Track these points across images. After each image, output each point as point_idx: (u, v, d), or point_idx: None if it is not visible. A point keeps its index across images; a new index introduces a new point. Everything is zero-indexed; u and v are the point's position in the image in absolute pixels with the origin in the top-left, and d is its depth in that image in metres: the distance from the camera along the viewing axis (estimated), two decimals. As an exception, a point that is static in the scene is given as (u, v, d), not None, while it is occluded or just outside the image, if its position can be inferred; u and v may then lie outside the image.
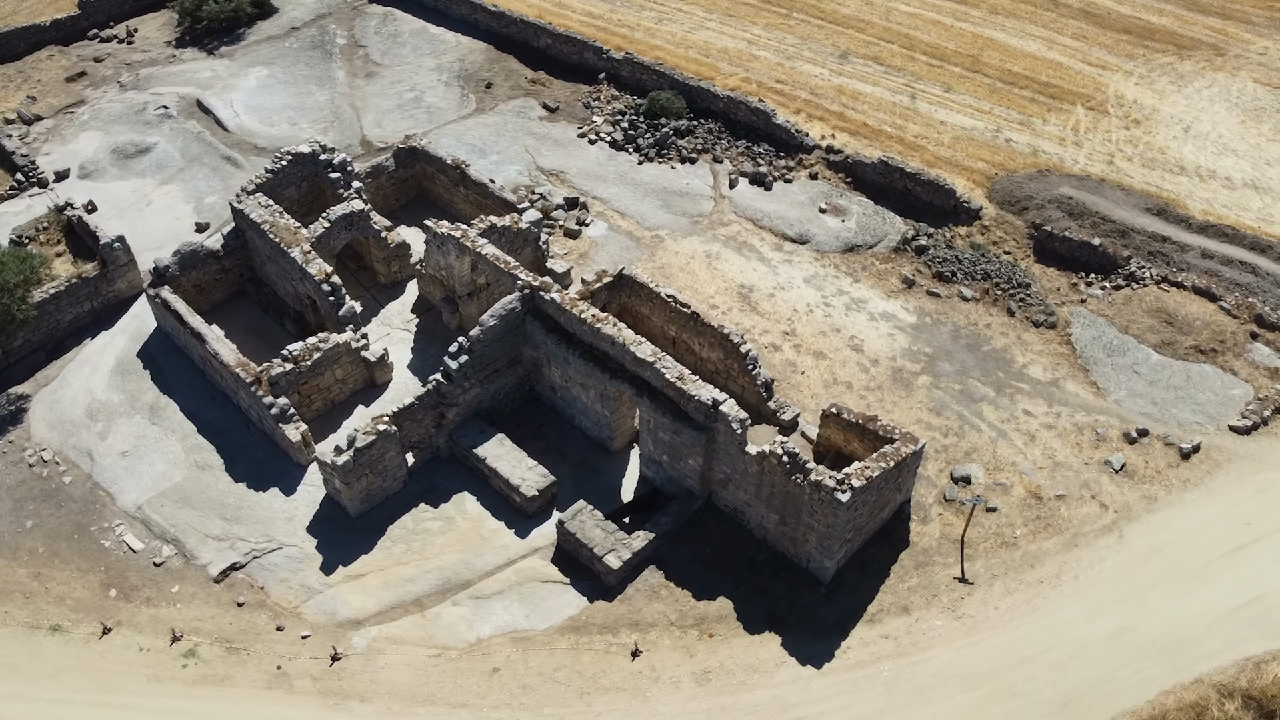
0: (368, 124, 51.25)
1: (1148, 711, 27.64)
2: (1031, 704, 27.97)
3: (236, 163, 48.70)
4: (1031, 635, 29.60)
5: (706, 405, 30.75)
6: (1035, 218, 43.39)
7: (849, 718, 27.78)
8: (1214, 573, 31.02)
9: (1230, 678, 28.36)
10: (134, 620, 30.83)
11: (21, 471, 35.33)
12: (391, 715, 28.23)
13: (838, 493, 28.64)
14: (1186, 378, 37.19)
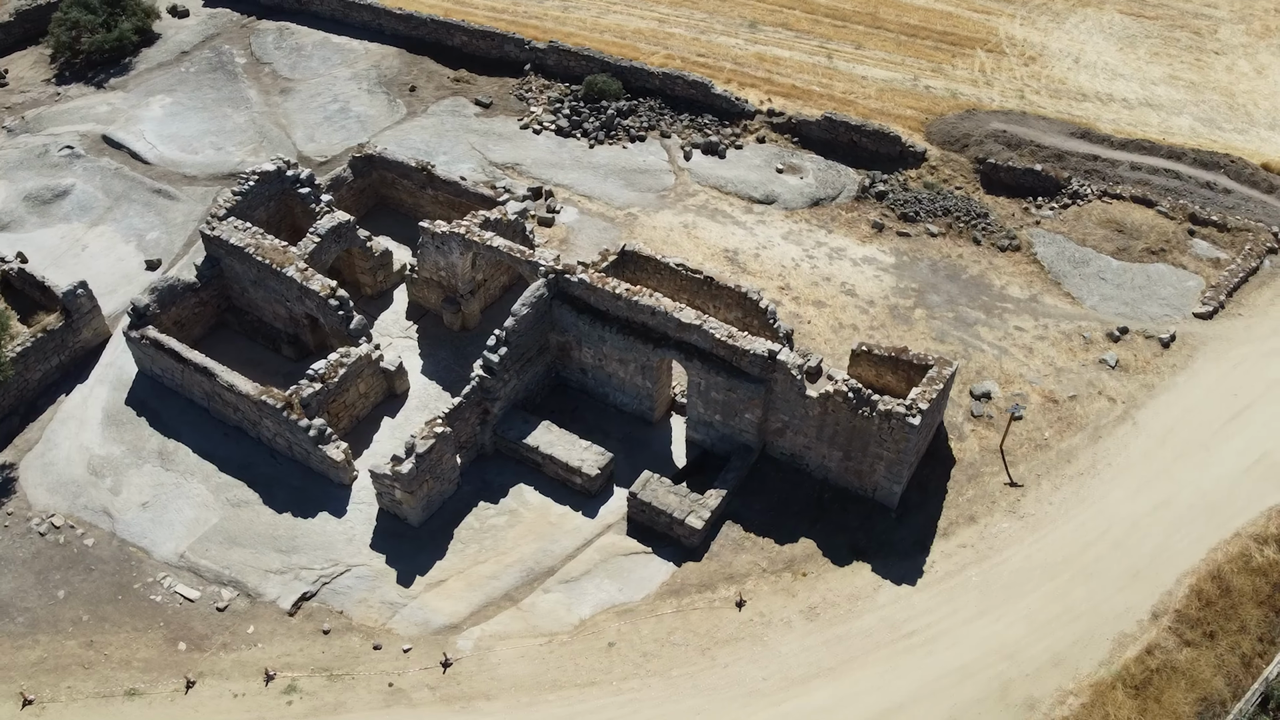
0: (300, 139, 49.46)
1: (1205, 569, 30.64)
2: (1107, 581, 30.51)
3: (169, 194, 46.16)
4: (1087, 522, 32.19)
5: (763, 357, 31.82)
6: (977, 153, 46.55)
7: (956, 623, 29.54)
8: (1221, 440, 34.55)
9: (1261, 527, 31.78)
10: (217, 668, 29.29)
11: (33, 543, 32.76)
12: (523, 707, 28.05)
13: (909, 417, 30.30)
14: (1146, 277, 40.96)
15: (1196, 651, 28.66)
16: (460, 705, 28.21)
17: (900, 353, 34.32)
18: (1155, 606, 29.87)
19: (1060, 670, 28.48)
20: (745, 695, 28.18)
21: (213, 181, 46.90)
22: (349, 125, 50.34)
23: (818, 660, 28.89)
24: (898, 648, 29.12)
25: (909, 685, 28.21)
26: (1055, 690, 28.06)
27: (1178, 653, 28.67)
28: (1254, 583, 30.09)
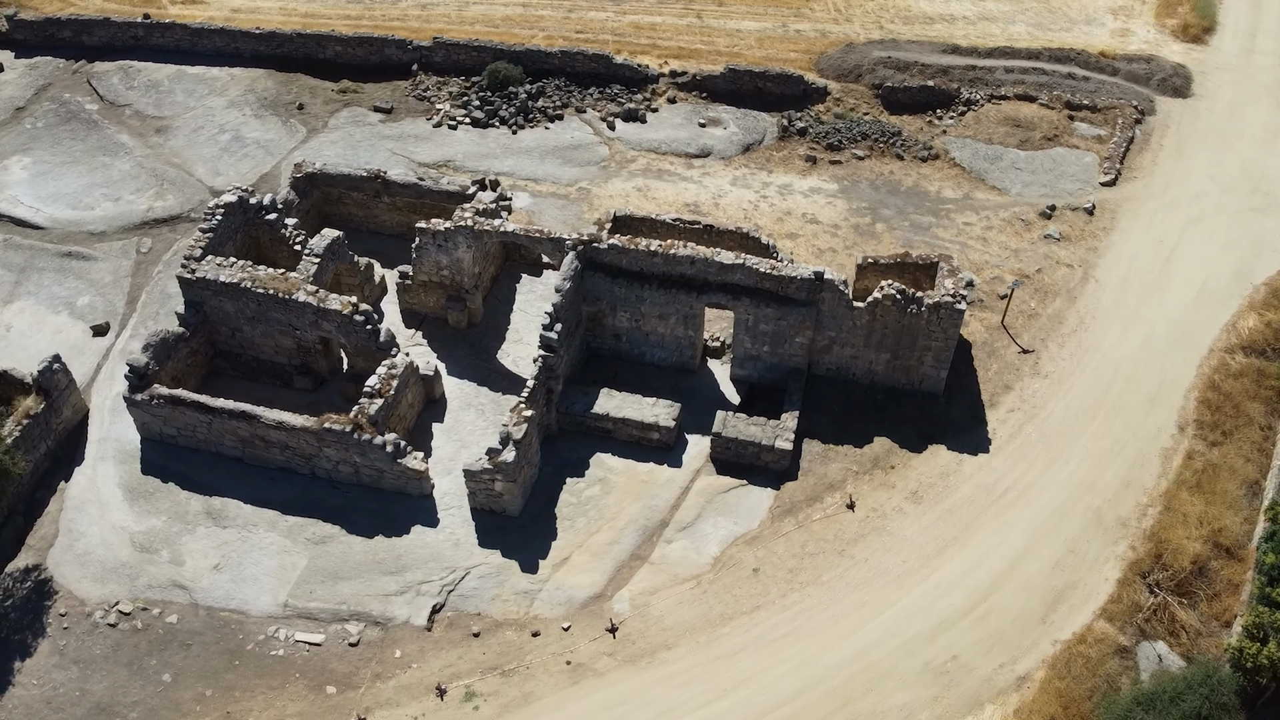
0: (204, 175, 46.34)
1: (1201, 383, 35.97)
2: (1134, 410, 35.15)
3: (82, 255, 42.22)
4: (1098, 367, 36.77)
5: (810, 279, 34.01)
6: (871, 80, 50.69)
7: (1036, 475, 33.15)
8: (1167, 280, 40.28)
9: (1225, 340, 37.56)
10: (382, 699, 28.15)
11: (106, 636, 29.84)
12: (706, 646, 28.95)
13: (957, 305, 33.51)
14: (1052, 161, 46.52)
15: (1223, 448, 33.73)
16: (645, 662, 28.71)
17: (903, 258, 37.50)
18: (1179, 421, 34.82)
19: (1132, 489, 32.73)
20: (894, 580, 30.45)
21: (125, 234, 43.32)
22: (252, 153, 47.67)
23: (940, 534, 31.60)
24: (1000, 506, 32.34)
25: (1024, 534, 31.50)
26: (1135, 506, 32.26)
27: (1210, 453, 33.64)
28: (1241, 384, 35.62)
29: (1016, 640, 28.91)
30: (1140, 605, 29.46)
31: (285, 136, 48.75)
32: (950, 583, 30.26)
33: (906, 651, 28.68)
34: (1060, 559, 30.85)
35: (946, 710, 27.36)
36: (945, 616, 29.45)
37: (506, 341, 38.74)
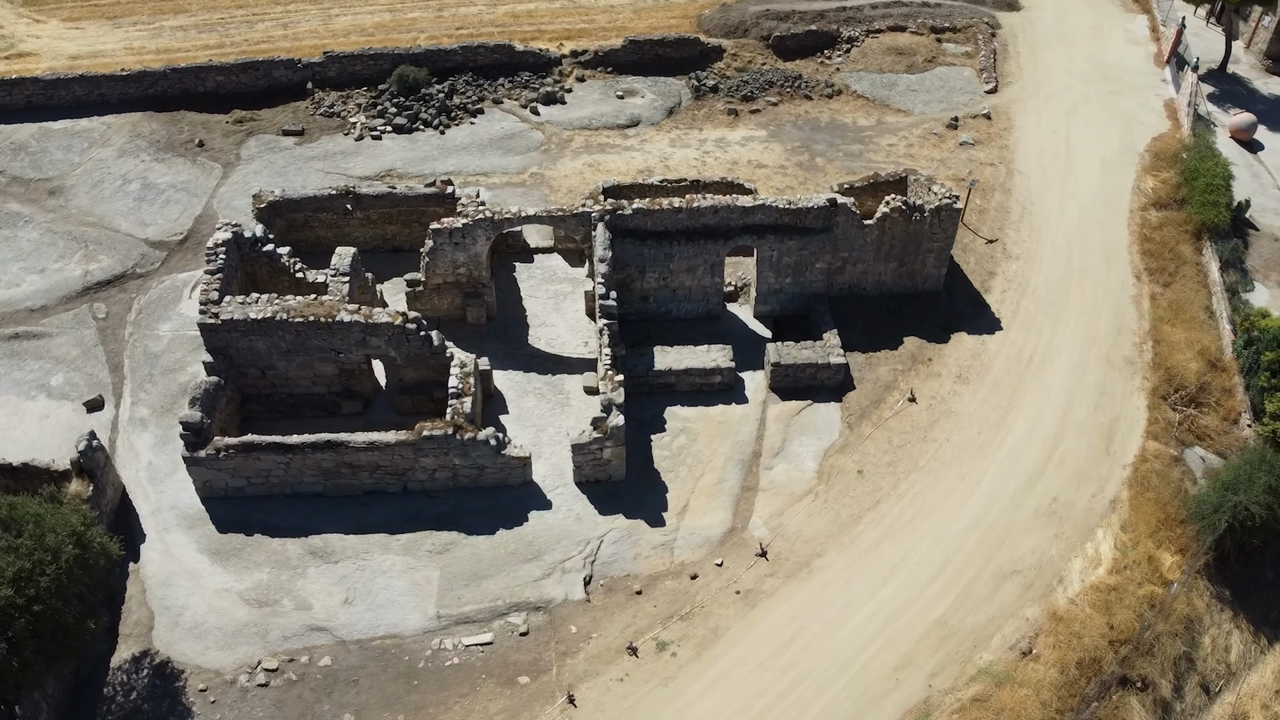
0: (131, 229, 43.08)
1: (1137, 236, 42.14)
2: (1095, 268, 40.68)
3: (34, 334, 38.42)
4: (1055, 243, 42.10)
5: (826, 206, 36.89)
6: (758, 33, 54.19)
7: (1052, 340, 37.80)
8: (1073, 160, 46.44)
9: (1135, 200, 44.06)
10: (579, 672, 28.53)
11: (262, 696, 28.31)
12: (852, 543, 31.30)
13: (955, 205, 37.48)
14: (939, 80, 51.85)
15: (1175, 286, 39.82)
16: (804, 574, 30.72)
17: (873, 179, 41.20)
18: (1133, 271, 40.68)
19: (1124, 333, 38.08)
20: (977, 451, 34.05)
21: (70, 303, 39.77)
22: (173, 197, 44.71)
23: (996, 404, 35.53)
24: (1032, 371, 36.70)
25: (1060, 389, 36.00)
26: (1132, 345, 37.60)
27: (1167, 292, 39.63)
28: (1165, 233, 41.98)
29: (1094, 473, 33.28)
30: (1172, 422, 34.66)
31: (201, 175, 45.97)
32: (1022, 442, 34.23)
33: (1015, 505, 32.35)
34: (1096, 400, 35.59)
35: (1069, 542, 31.26)
36: (1031, 469, 33.38)
37: (531, 327, 39.09)
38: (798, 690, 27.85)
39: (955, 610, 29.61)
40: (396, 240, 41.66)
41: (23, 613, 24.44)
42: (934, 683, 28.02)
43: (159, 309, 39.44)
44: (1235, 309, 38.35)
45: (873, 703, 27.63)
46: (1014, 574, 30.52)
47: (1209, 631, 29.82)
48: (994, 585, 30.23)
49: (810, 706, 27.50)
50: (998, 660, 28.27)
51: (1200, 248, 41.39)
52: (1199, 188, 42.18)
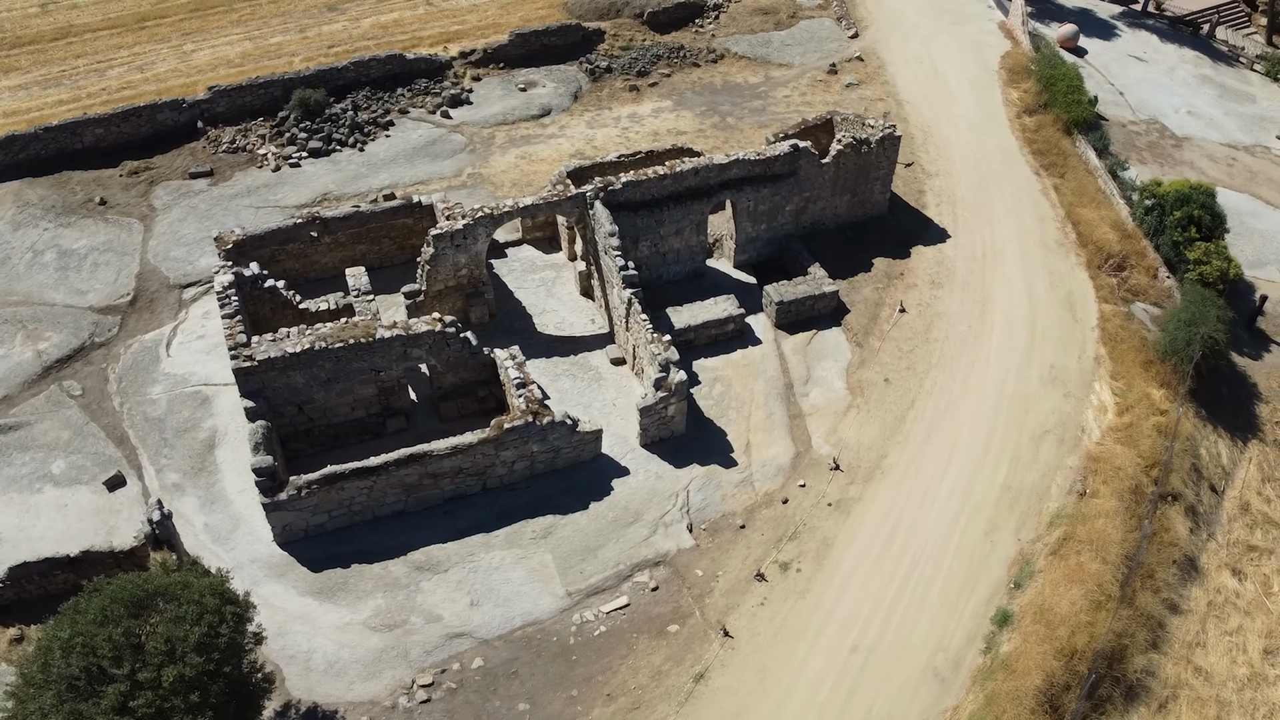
0: (68, 299, 40.01)
1: (1023, 139, 47.98)
2: (1001, 170, 46.17)
3: (8, 427, 35.27)
4: (958, 156, 47.29)
5: (790, 153, 40.00)
6: (631, 11, 56.51)
7: (990, 237, 42.78)
8: (944, 84, 52.01)
9: (1012, 111, 50.06)
10: (721, 607, 30.27)
11: (432, 711, 28.23)
12: (905, 441, 34.70)
13: (895, 134, 41.58)
14: (806, 33, 56.26)
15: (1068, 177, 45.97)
16: (880, 474, 33.82)
17: (801, 125, 44.74)
18: (1031, 169, 46.53)
19: (1047, 220, 43.76)
20: (974, 339, 38.36)
21: (33, 387, 36.77)
22: (101, 259, 41.81)
23: (973, 299, 40.03)
24: (990, 266, 41.54)
25: (1019, 276, 41.02)
26: (1056, 230, 43.30)
27: (1064, 182, 45.76)
28: (1044, 134, 48.18)
29: (1072, 338, 38.42)
30: (1112, 285, 40.44)
31: (121, 233, 43.13)
32: (1006, 325, 38.91)
33: (1023, 378, 36.89)
34: (1049, 280, 40.89)
35: (1077, 399, 36.13)
36: (1023, 346, 38.08)
37: (534, 316, 39.87)
38: (917, 571, 30.98)
39: (1013, 474, 33.70)
40: (367, 260, 41.05)
41: (214, 678, 23.52)
42: (1021, 536, 31.95)
43: (140, 373, 37.12)
44: (1122, 186, 44.87)
45: (980, 565, 31.19)
46: (1045, 433, 35.02)
47: (1203, 444, 35.53)
48: (1034, 447, 34.58)
49: (933, 582, 30.68)
50: (1064, 505, 32.58)
51: (1074, 141, 47.84)
52: (1061, 91, 48.64)
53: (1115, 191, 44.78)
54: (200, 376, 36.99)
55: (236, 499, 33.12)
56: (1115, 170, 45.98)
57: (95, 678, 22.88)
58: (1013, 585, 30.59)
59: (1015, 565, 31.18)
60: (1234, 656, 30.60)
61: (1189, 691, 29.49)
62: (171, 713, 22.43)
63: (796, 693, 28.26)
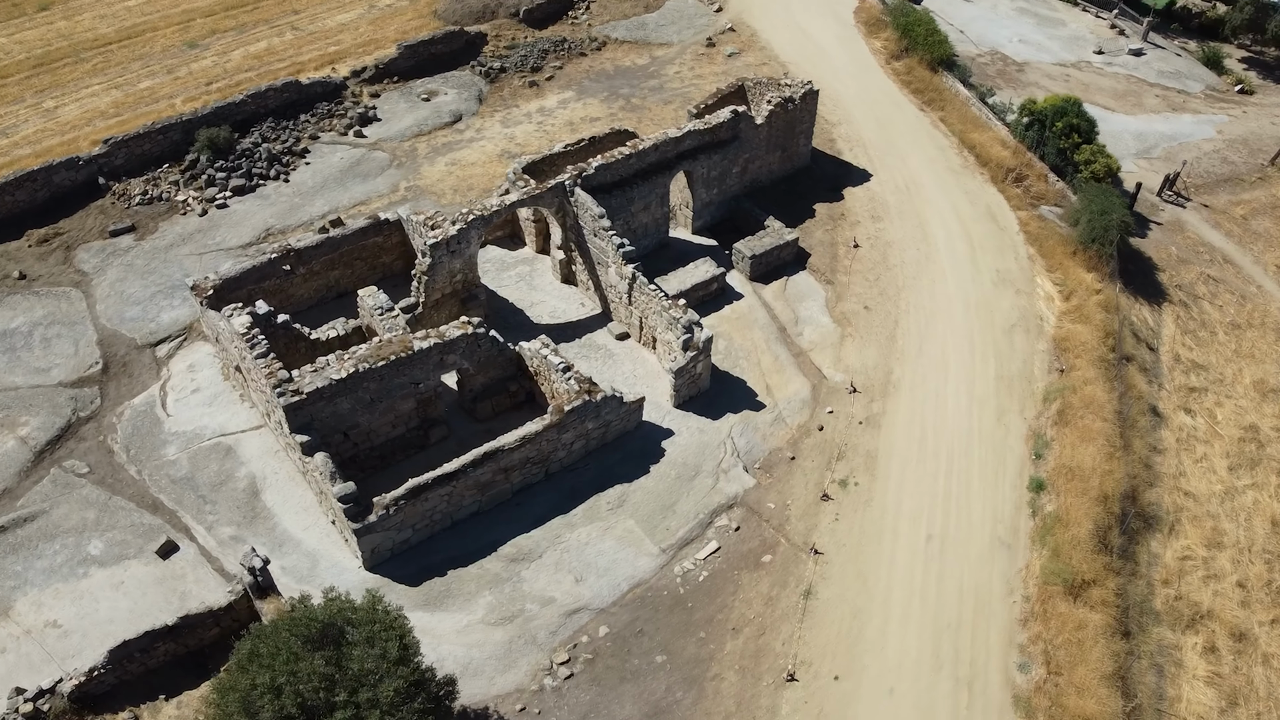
0: (33, 379, 37.39)
1: (898, 84, 53.11)
2: (893, 114, 51.04)
3: (23, 520, 32.99)
4: (850, 101, 51.75)
5: (730, 119, 42.92)
6: (506, 11, 57.60)
7: (910, 168, 47.45)
8: (814, 42, 56.51)
9: (880, 59, 55.18)
10: (801, 530, 32.97)
11: (579, 682, 29.43)
12: (902, 354, 38.57)
13: (814, 88, 45.33)
14: (675, 12, 59.34)
15: (946, 110, 51.36)
16: (893, 388, 37.41)
17: (715, 94, 47.79)
18: (916, 107, 51.63)
19: (946, 149, 48.92)
20: (927, 260, 42.76)
21: (32, 472, 34.46)
22: (50, 333, 39.25)
23: (912, 225, 44.45)
24: (914, 195, 46.13)
25: (945, 200, 45.86)
26: (958, 154, 48.54)
27: (947, 113, 51.11)
28: (915, 75, 53.49)
29: (1004, 243, 43.66)
30: (1018, 195, 46.04)
31: (61, 303, 40.56)
32: (947, 243, 43.62)
33: (978, 283, 41.65)
34: (967, 197, 46.03)
35: (1027, 293, 41.23)
36: (967, 255, 42.90)
37: (525, 310, 40.89)
38: (954, 463, 34.86)
39: (1000, 366, 38.26)
40: (340, 286, 40.70)
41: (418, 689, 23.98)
42: (1025, 416, 36.52)
43: (146, 438, 35.47)
44: (994, 109, 50.79)
45: (1002, 446, 35.47)
46: (1013, 327, 39.86)
47: (1132, 312, 41.49)
48: (1008, 339, 39.34)
49: (970, 469, 34.66)
50: (1050, 383, 37.46)
51: (942, 77, 53.46)
52: (920, 35, 54.15)
53: (990, 115, 50.60)
54: (213, 428, 35.77)
55: (304, 537, 32.64)
56: (984, 97, 51.87)
57: (311, 711, 22.84)
58: (1034, 456, 35.04)
59: (1030, 440, 35.67)
60: (1208, 478, 36.39)
61: (1186, 513, 34.93)
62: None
63: (895, 587, 31.44)
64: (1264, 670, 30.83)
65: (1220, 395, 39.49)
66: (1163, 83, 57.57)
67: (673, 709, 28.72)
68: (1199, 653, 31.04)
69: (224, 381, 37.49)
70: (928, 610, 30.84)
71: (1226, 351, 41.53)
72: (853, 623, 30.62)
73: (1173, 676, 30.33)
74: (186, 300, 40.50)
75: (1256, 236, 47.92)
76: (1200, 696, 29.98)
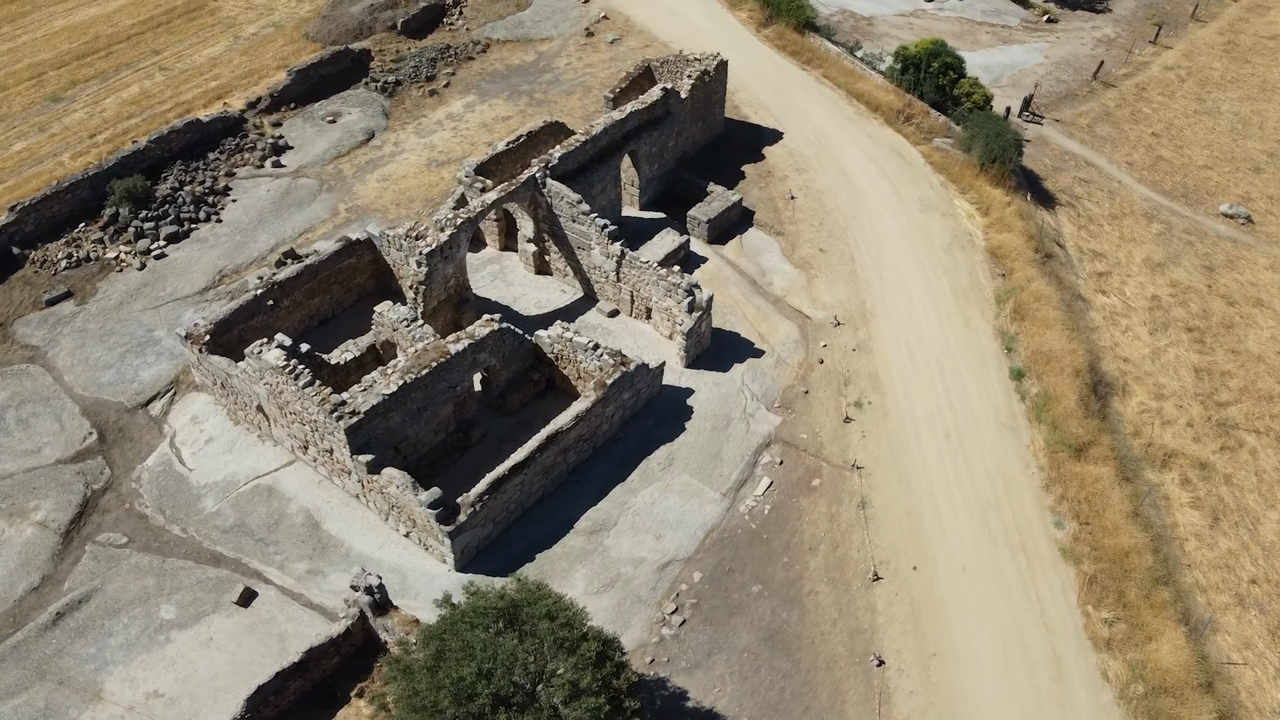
0: (25, 462, 35.09)
1: (774, 48, 57.17)
2: (780, 89, 55.10)
3: (79, 601, 31.35)
4: (737, 73, 55.19)
5: (661, 96, 45.39)
6: (383, 25, 57.37)
7: (810, 123, 51.42)
8: (688, 17, 59.63)
9: (752, 28, 59.05)
10: (835, 450, 36.17)
11: (693, 624, 31.41)
12: (871, 284, 42.46)
13: (723, 59, 48.43)
14: (547, 7, 60.97)
15: (827, 67, 55.86)
16: (870, 316, 41.10)
17: (625, 77, 50.11)
18: (799, 66, 55.83)
19: (837, 101, 53.27)
20: (858, 200, 46.79)
21: (67, 554, 32.75)
22: (25, 413, 36.97)
23: (835, 172, 48.41)
24: (826, 144, 50.16)
25: (849, 145, 50.10)
26: (849, 104, 53.05)
27: (827, 69, 55.59)
28: (784, 39, 57.67)
29: (915, 175, 48.40)
30: (912, 132, 51.06)
31: (22, 380, 38.14)
32: (869, 182, 47.96)
33: (907, 213, 46.14)
34: (873, 140, 50.60)
35: (951, 215, 46.11)
36: (891, 191, 47.33)
37: (509, 304, 41.83)
38: (945, 369, 39.03)
39: (952, 280, 42.89)
40: (321, 313, 40.39)
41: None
42: (987, 319, 41.25)
43: (178, 497, 34.28)
44: (866, 59, 55.79)
45: (977, 347, 40.00)
46: (950, 245, 44.64)
47: (1036, 217, 47.21)
48: (950, 257, 44.05)
49: (960, 371, 38.92)
50: (997, 287, 42.40)
51: (810, 38, 57.97)
52: (782, 1, 58.36)
53: (864, 67, 55.51)
54: (245, 473, 34.99)
55: (382, 555, 32.79)
56: (852, 50, 56.76)
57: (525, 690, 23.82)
58: (1006, 350, 39.79)
59: (998, 337, 40.40)
60: (1136, 345, 42.39)
61: (1130, 375, 40.68)
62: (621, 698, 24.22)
63: (934, 481, 35.20)
64: (1228, 489, 36.72)
65: (1123, 275, 45.80)
66: (988, 20, 64.65)
67: (784, 628, 31.22)
68: (1178, 485, 36.57)
69: (235, 426, 36.54)
70: (967, 496, 34.78)
71: (1114, 239, 48.06)
72: (910, 520, 34.12)
73: (1165, 508, 35.65)
74: (162, 355, 38.98)
75: (1103, 140, 55.24)
76: (1191, 520, 35.45)
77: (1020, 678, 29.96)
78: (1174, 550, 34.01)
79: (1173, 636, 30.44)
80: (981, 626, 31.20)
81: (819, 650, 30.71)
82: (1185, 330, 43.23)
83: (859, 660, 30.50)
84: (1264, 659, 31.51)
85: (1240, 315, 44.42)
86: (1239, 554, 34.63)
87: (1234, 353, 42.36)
